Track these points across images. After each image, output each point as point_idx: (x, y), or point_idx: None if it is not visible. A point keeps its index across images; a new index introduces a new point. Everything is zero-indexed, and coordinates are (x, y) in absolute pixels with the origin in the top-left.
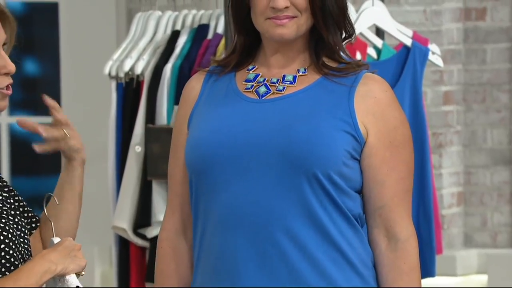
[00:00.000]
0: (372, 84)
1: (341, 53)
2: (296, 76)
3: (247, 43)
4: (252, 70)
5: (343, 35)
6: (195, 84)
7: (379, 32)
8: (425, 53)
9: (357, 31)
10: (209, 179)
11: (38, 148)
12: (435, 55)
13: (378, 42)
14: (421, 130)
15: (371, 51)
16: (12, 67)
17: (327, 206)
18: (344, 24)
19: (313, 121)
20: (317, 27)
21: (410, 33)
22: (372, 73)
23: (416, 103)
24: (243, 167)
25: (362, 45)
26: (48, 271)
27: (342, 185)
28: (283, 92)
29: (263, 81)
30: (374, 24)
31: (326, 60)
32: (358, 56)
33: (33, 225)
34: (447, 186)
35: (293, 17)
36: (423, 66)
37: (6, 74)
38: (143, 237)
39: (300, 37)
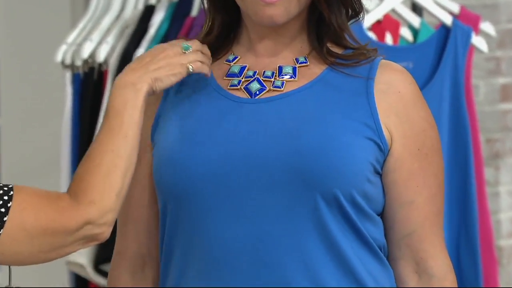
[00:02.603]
0: (393, 75)
1: (347, 37)
2: (295, 67)
3: (226, 22)
4: (234, 61)
5: (349, 14)
6: None
7: (416, 8)
8: (467, 34)
9: (388, 7)
10: (192, 205)
11: None
12: (478, 36)
13: (415, 20)
14: (463, 134)
15: (405, 32)
16: None
17: (349, 235)
18: (351, 0)
19: (326, 125)
20: (316, 5)
21: (456, 8)
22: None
23: (456, 99)
24: (239, 188)
25: (394, 25)
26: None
27: (365, 207)
28: (282, 89)
29: (254, 74)
30: None
31: (330, 45)
32: (389, 38)
33: None
34: (506, 208)
35: None
36: (465, 50)
37: None
38: (106, 275)
39: (296, 17)
